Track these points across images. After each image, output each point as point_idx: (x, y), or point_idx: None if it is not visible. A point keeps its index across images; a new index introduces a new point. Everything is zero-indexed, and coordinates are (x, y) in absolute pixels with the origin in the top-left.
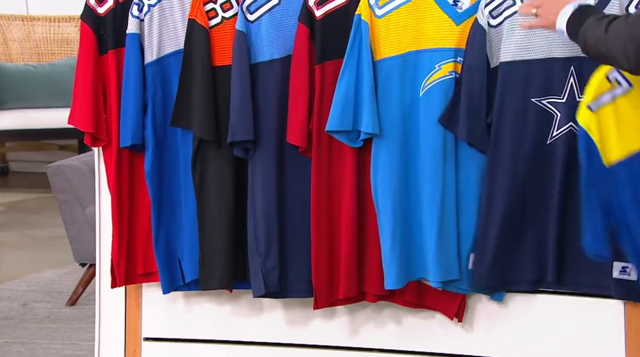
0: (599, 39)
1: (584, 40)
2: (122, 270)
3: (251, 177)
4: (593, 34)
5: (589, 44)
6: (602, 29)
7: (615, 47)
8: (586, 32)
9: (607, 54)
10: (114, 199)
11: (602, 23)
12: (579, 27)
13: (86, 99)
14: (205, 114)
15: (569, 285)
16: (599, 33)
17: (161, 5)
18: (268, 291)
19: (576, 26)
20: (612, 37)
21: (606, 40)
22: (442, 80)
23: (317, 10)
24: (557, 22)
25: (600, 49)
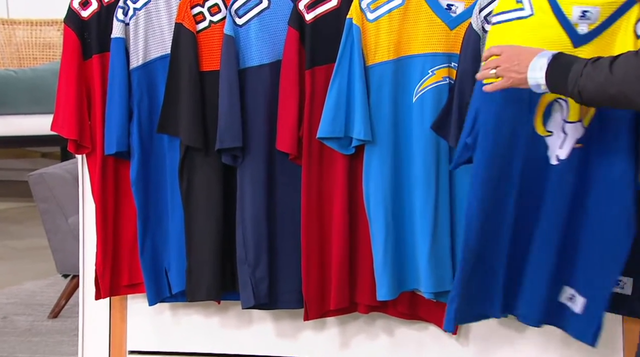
0: (605, 84)
1: (580, 89)
2: (107, 281)
3: (240, 185)
4: (593, 81)
5: (588, 91)
6: (604, 73)
7: (631, 88)
8: (580, 80)
9: (619, 97)
10: (98, 208)
11: (602, 66)
12: (564, 77)
13: (70, 105)
14: (193, 121)
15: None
16: (602, 78)
17: (147, 8)
18: (257, 302)
19: (560, 77)
20: (622, 78)
21: (615, 83)
22: (436, 86)
23: (307, 14)
24: (528, 78)
25: (609, 92)
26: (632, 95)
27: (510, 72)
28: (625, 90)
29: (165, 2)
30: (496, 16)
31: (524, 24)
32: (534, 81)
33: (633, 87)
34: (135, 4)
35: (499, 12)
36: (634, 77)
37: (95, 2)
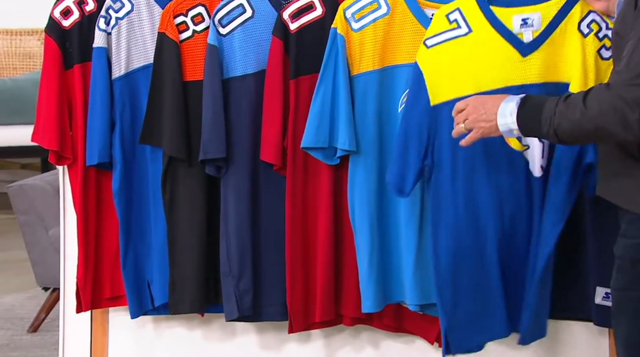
0: (582, 120)
1: (555, 128)
2: (88, 294)
3: (224, 196)
4: (568, 119)
5: (564, 130)
6: (579, 109)
7: (607, 120)
8: (555, 119)
9: (597, 131)
10: (79, 220)
11: (575, 103)
12: (537, 119)
13: (51, 116)
14: (176, 131)
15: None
16: (577, 115)
17: (129, 18)
18: (241, 315)
19: (532, 119)
20: (598, 112)
21: (592, 118)
22: None
23: (291, 24)
24: (499, 125)
25: (587, 128)
26: (611, 127)
27: (479, 123)
28: (603, 123)
29: (147, 12)
30: (430, 39)
31: (463, 42)
32: (505, 127)
33: (611, 120)
34: (118, 13)
35: (433, 34)
36: (609, 109)
37: (76, 11)
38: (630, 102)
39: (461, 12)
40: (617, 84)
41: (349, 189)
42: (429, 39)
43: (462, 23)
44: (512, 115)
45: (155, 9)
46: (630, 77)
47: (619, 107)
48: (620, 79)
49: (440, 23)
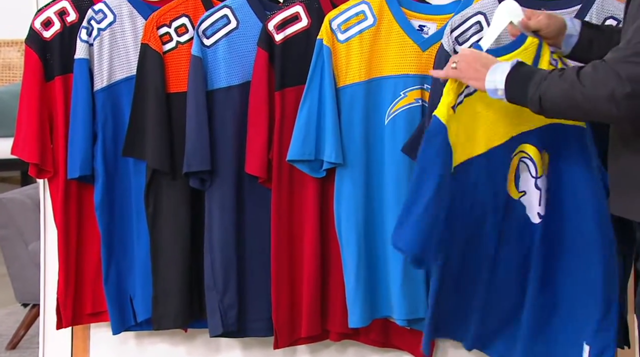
0: (571, 89)
1: (541, 94)
2: (69, 310)
3: (208, 209)
4: (558, 86)
5: (550, 96)
6: (570, 79)
7: (597, 93)
8: (543, 84)
9: (583, 102)
10: (60, 234)
11: (568, 74)
12: (525, 83)
13: (31, 128)
14: (159, 144)
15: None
16: (567, 84)
17: (112, 29)
18: (226, 330)
19: (521, 82)
20: (590, 84)
21: (581, 88)
22: (408, 108)
23: (276, 35)
24: (486, 81)
25: (573, 98)
26: (600, 100)
27: (469, 69)
28: (592, 95)
29: (130, 22)
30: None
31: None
32: (492, 84)
33: (601, 92)
34: (100, 24)
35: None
36: (601, 82)
37: (57, 22)
38: (623, 77)
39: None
40: (614, 59)
41: (335, 202)
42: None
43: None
44: (502, 73)
45: (138, 20)
46: (629, 54)
47: (612, 81)
48: (617, 55)
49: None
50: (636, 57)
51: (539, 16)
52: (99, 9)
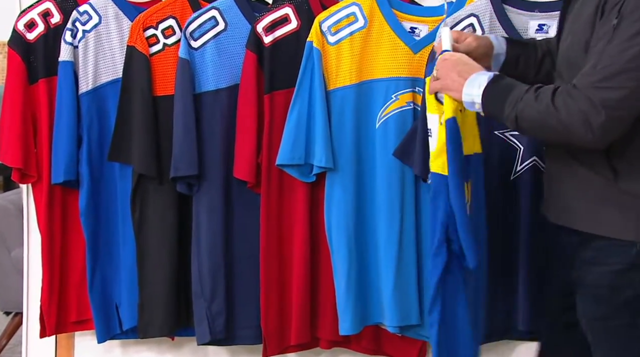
0: (546, 113)
1: (518, 114)
2: (53, 318)
3: (195, 215)
4: (533, 108)
5: (526, 116)
6: (545, 102)
7: (572, 120)
8: (520, 104)
9: (557, 128)
10: (44, 240)
11: (544, 95)
12: (502, 100)
13: (14, 132)
14: (146, 148)
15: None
16: (541, 106)
17: (97, 30)
18: (214, 338)
19: (498, 99)
20: (564, 111)
21: (556, 114)
22: (399, 112)
23: (265, 37)
24: (463, 94)
25: (548, 123)
26: (575, 127)
27: (448, 80)
28: (567, 122)
29: (116, 24)
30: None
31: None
32: (468, 98)
33: (575, 119)
34: (85, 25)
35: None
36: (575, 109)
37: (41, 23)
38: (597, 104)
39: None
40: (584, 85)
41: (325, 207)
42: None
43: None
44: (479, 88)
45: (124, 22)
46: (598, 80)
47: (585, 108)
48: (587, 81)
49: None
50: (605, 82)
51: (468, 38)
52: (83, 11)
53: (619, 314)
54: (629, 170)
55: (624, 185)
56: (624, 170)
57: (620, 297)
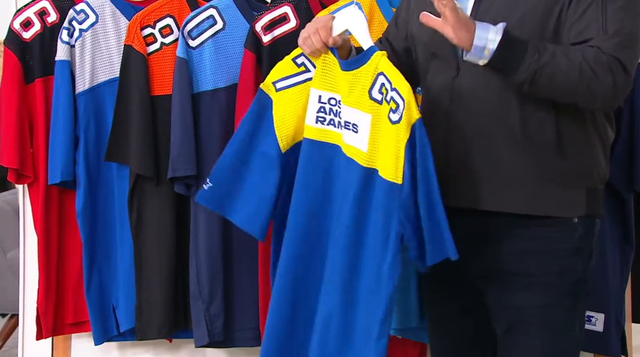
0: (577, 72)
1: (536, 69)
2: (50, 319)
3: (194, 215)
4: (563, 65)
5: (547, 73)
6: (577, 58)
7: (602, 79)
8: (542, 59)
9: (583, 85)
10: (40, 241)
11: (575, 52)
12: (522, 50)
13: (10, 132)
14: (143, 148)
15: None
16: (572, 62)
17: (94, 29)
18: (212, 340)
19: (517, 48)
20: (598, 68)
21: (588, 72)
22: None
23: (264, 36)
24: (476, 37)
25: (575, 79)
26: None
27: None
28: (596, 81)
29: (113, 23)
30: (279, 82)
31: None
32: (481, 41)
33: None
34: (82, 24)
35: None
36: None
37: (38, 22)
38: (625, 65)
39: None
40: (609, 48)
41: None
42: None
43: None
44: (497, 33)
45: (121, 20)
46: (619, 42)
47: (615, 69)
48: (609, 44)
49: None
50: (626, 44)
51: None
52: (80, 9)
53: (564, 299)
54: (572, 151)
55: (566, 165)
56: (568, 152)
57: (567, 283)
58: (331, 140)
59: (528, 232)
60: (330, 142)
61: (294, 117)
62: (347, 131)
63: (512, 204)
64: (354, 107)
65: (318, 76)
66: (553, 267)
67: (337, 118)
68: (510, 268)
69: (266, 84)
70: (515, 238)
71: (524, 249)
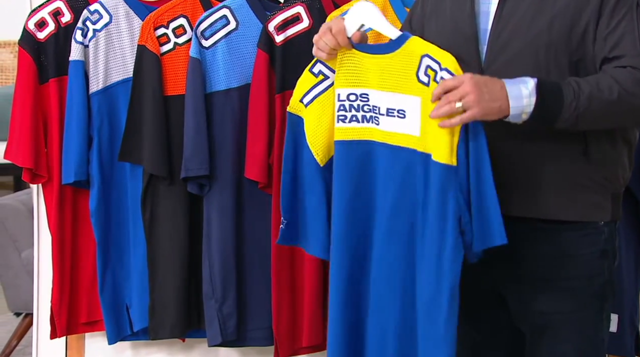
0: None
1: (581, 111)
2: (64, 319)
3: (206, 215)
4: (600, 99)
5: (590, 111)
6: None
7: None
8: (580, 104)
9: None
10: (54, 241)
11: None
12: (559, 103)
13: (25, 132)
14: (156, 148)
15: None
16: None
17: (108, 30)
18: (225, 340)
19: (555, 102)
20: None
21: (629, 98)
22: None
23: (277, 36)
24: (511, 107)
25: (620, 109)
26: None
27: (482, 102)
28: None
29: (127, 23)
30: (305, 97)
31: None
32: (517, 110)
33: None
34: (95, 25)
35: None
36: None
37: (52, 22)
38: None
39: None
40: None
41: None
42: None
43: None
44: (531, 97)
45: (134, 21)
46: None
47: None
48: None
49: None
50: None
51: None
52: (94, 10)
53: (593, 302)
54: (598, 156)
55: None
56: (594, 157)
57: (594, 286)
58: (359, 136)
59: (557, 237)
60: (357, 139)
61: (323, 127)
62: (390, 119)
63: (542, 210)
64: (397, 91)
65: (339, 77)
66: (581, 271)
67: (360, 112)
68: (539, 273)
69: (292, 106)
70: (544, 243)
71: (553, 254)
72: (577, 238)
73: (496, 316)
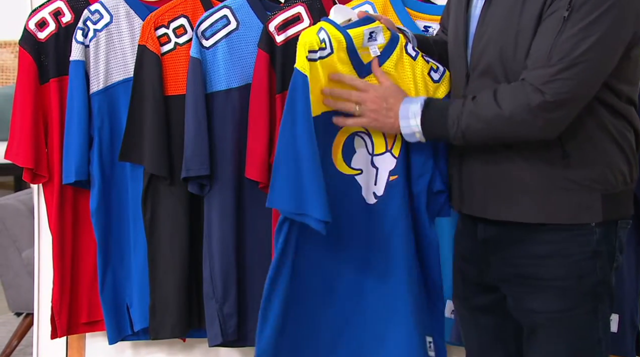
0: (492, 118)
1: (464, 130)
2: (64, 319)
3: (207, 215)
4: (479, 118)
5: (473, 130)
6: (491, 107)
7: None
8: (462, 120)
9: (507, 128)
10: (55, 241)
11: (485, 100)
12: (442, 122)
13: (25, 132)
14: (157, 148)
15: None
16: (488, 113)
17: (108, 30)
18: (225, 340)
19: (437, 122)
20: (511, 107)
21: (501, 114)
22: None
23: (278, 36)
24: (402, 127)
25: (496, 127)
26: (527, 125)
27: (379, 116)
28: (513, 118)
29: (127, 23)
30: (310, 54)
31: (325, 63)
32: (408, 130)
33: (523, 118)
34: (96, 24)
35: (311, 50)
36: (523, 102)
37: (52, 22)
38: (549, 95)
39: (326, 32)
40: (538, 78)
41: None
42: (310, 54)
43: (327, 44)
44: (415, 117)
45: (135, 21)
46: (555, 72)
47: (537, 102)
48: (541, 74)
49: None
50: (561, 74)
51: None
52: (95, 10)
53: (584, 302)
54: (580, 158)
55: (574, 173)
56: (575, 159)
57: (586, 286)
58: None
59: (543, 237)
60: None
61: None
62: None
63: (521, 215)
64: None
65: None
66: (571, 271)
67: None
68: (528, 272)
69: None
70: (532, 243)
71: (540, 253)
72: (564, 239)
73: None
